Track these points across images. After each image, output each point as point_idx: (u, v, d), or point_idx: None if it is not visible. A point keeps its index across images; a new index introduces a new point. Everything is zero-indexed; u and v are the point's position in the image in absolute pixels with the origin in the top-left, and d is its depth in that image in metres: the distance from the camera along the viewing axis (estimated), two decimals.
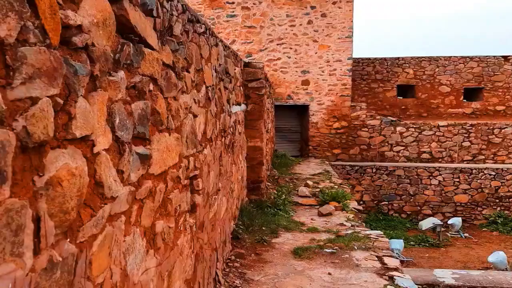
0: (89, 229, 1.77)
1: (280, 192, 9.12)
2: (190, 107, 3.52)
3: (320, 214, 8.04)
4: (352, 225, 7.46)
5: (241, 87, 7.78)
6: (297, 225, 7.37)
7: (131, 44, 2.24)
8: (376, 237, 6.69)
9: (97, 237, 1.85)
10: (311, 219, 7.85)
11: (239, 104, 7.26)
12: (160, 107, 2.69)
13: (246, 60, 8.52)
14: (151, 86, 2.56)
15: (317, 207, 8.67)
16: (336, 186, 10.77)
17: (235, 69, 6.58)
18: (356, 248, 6.19)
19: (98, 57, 1.85)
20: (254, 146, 8.39)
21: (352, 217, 8.03)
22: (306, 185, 10.42)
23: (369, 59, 20.30)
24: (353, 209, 8.66)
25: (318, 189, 9.97)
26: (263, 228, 6.94)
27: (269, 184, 10.06)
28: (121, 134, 2.07)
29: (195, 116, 3.64)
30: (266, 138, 10.90)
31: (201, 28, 3.99)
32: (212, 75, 4.50)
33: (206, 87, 4.23)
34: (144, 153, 2.38)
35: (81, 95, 1.70)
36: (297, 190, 9.89)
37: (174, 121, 2.99)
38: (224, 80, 5.45)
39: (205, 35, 4.17)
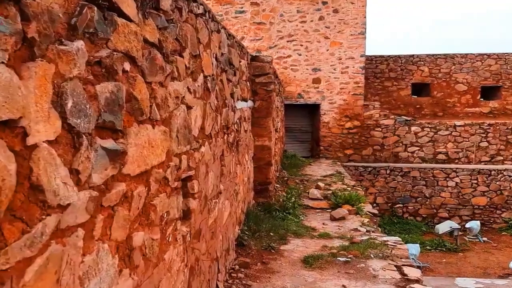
0: (18, 251, 1.27)
1: (290, 195, 8.58)
2: (183, 96, 3.01)
3: (333, 219, 7.50)
4: (367, 231, 6.91)
5: (247, 82, 7.28)
6: (308, 230, 6.84)
7: (96, 9, 1.74)
8: (394, 244, 6.14)
9: (34, 261, 1.35)
10: (323, 223, 7.31)
11: (245, 100, 6.75)
12: (140, 92, 2.18)
13: (253, 53, 7.99)
14: (127, 66, 2.06)
15: (329, 210, 8.13)
16: (349, 188, 10.22)
17: (240, 62, 6.08)
18: (372, 256, 5.64)
19: (37, 15, 1.35)
20: (261, 146, 7.88)
21: (367, 221, 7.48)
22: (317, 187, 9.88)
23: (383, 56, 19.69)
24: (367, 213, 8.11)
25: (330, 192, 9.43)
26: (271, 233, 6.42)
27: (278, 186, 9.54)
28: (76, 122, 1.57)
29: (189, 107, 3.14)
30: (275, 137, 10.38)
31: (199, 9, 3.49)
32: (212, 64, 3.99)
33: (205, 77, 3.73)
34: (114, 148, 1.88)
35: (3, 61, 1.20)
36: (308, 193, 9.35)
37: (160, 111, 2.49)
38: (227, 71, 4.95)
39: (204, 17, 3.67)
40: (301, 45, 17.13)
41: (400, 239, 6.62)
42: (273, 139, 8.45)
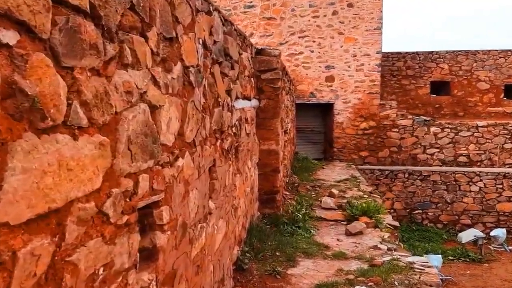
0: None
1: (300, 205, 7.68)
2: (144, 92, 2.15)
3: (348, 233, 6.59)
4: (388, 249, 6.00)
5: (251, 79, 6.40)
6: (320, 248, 5.94)
7: None
8: (422, 268, 5.21)
9: None
10: (337, 239, 6.41)
11: (247, 98, 5.88)
12: (39, 82, 1.32)
13: (259, 47, 7.12)
14: (11, 36, 1.20)
15: (345, 223, 7.22)
16: (366, 196, 9.29)
17: (241, 54, 5.20)
18: (397, 284, 4.73)
19: None
20: (268, 150, 7.00)
21: (388, 236, 6.56)
22: (331, 195, 8.97)
23: (400, 53, 18.76)
24: (388, 225, 7.19)
25: (345, 200, 8.51)
26: (277, 253, 5.54)
27: (287, 193, 8.65)
28: None
29: (155, 107, 2.27)
30: (284, 139, 9.50)
31: None
32: (198, 52, 3.12)
33: (185, 67, 2.86)
34: None
35: None
36: (320, 201, 8.45)
37: (92, 113, 1.62)
38: (222, 63, 4.08)
39: None
40: (314, 41, 16.27)
41: (428, 261, 5.70)
42: (281, 142, 7.57)
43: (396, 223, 7.63)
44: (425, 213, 14.92)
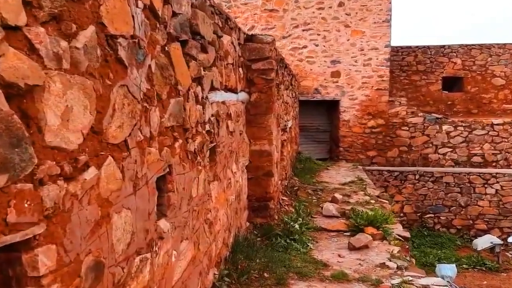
0: None
1: (297, 214, 6.77)
2: None
3: (352, 248, 5.68)
4: (398, 267, 5.09)
5: (239, 68, 5.52)
6: (317, 267, 5.02)
7: None
8: None
9: None
10: (338, 255, 5.50)
11: (232, 90, 5.00)
12: None
13: (249, 32, 6.22)
14: None
15: (348, 234, 6.31)
16: (373, 201, 8.37)
17: (220, 36, 4.32)
18: None
19: None
20: (259, 151, 6.10)
21: (398, 251, 5.64)
22: (334, 200, 8.06)
23: (410, 47, 17.82)
24: (397, 237, 6.27)
25: (349, 206, 7.60)
26: (265, 274, 4.63)
27: (284, 198, 7.75)
28: None
29: (17, 87, 1.40)
30: (283, 138, 8.61)
31: None
32: (134, 18, 2.24)
33: (109, 37, 1.99)
34: None
35: None
36: (322, 207, 7.54)
37: None
38: (187, 43, 3.20)
39: None
40: (318, 35, 15.36)
41: (445, 283, 4.79)
42: (276, 142, 6.67)
43: (407, 234, 6.70)
44: (437, 217, 13.98)
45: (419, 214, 14.01)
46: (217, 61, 4.18)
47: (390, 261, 5.28)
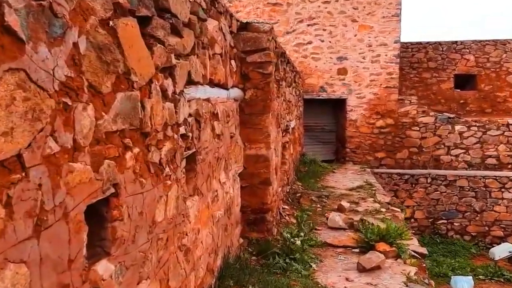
0: None
1: (299, 227, 5.96)
2: None
3: (362, 269, 4.88)
4: None
5: (231, 61, 4.75)
6: None
7: None
8: None
9: None
10: (346, 278, 4.70)
11: (221, 86, 4.22)
12: None
13: (244, 20, 5.45)
14: None
15: (357, 250, 5.52)
16: (384, 209, 7.58)
17: (204, 20, 3.53)
18: None
19: None
20: (255, 156, 5.32)
21: (415, 273, 4.85)
22: (340, 209, 7.26)
23: (420, 43, 17.09)
24: (413, 253, 5.48)
25: (357, 216, 6.81)
26: None
27: (285, 207, 6.97)
28: None
29: None
30: (285, 140, 7.84)
31: None
32: None
33: None
34: None
35: None
36: (327, 218, 6.75)
37: None
38: (151, 21, 2.44)
39: None
40: (324, 30, 14.65)
41: None
42: (274, 145, 5.88)
43: (424, 250, 5.89)
44: (451, 224, 13.18)
45: (431, 220, 13.21)
46: (198, 49, 3.40)
47: (407, 286, 4.49)
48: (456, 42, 16.91)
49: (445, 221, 13.16)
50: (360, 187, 9.69)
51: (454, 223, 13.13)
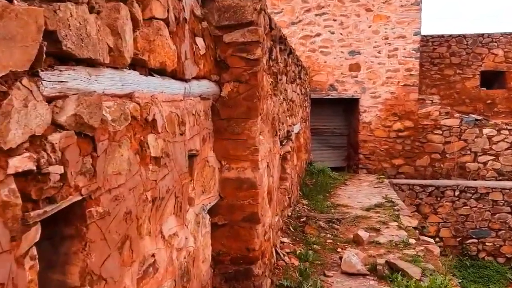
0: None
1: (301, 275, 4.26)
2: None
3: None
4: None
5: (199, 39, 3.08)
6: None
7: None
8: None
9: None
10: None
11: (172, 75, 2.54)
12: None
13: None
14: None
15: None
16: (413, 240, 5.86)
17: None
18: None
19: None
20: (237, 180, 3.62)
21: None
22: (357, 241, 5.55)
23: (443, 36, 15.63)
24: None
25: (380, 250, 5.10)
26: None
27: (285, 241, 5.26)
28: None
29: None
30: (286, 150, 6.15)
31: None
32: None
33: None
34: None
35: None
36: (340, 257, 5.05)
37: None
38: None
39: None
40: (334, 20, 13.40)
41: None
42: (266, 163, 4.17)
43: None
44: (482, 243, 11.56)
45: (459, 239, 11.57)
46: (99, 6, 1.72)
47: None
48: (482, 34, 15.50)
49: (476, 241, 11.55)
50: (379, 205, 7.98)
51: (486, 243, 11.50)
